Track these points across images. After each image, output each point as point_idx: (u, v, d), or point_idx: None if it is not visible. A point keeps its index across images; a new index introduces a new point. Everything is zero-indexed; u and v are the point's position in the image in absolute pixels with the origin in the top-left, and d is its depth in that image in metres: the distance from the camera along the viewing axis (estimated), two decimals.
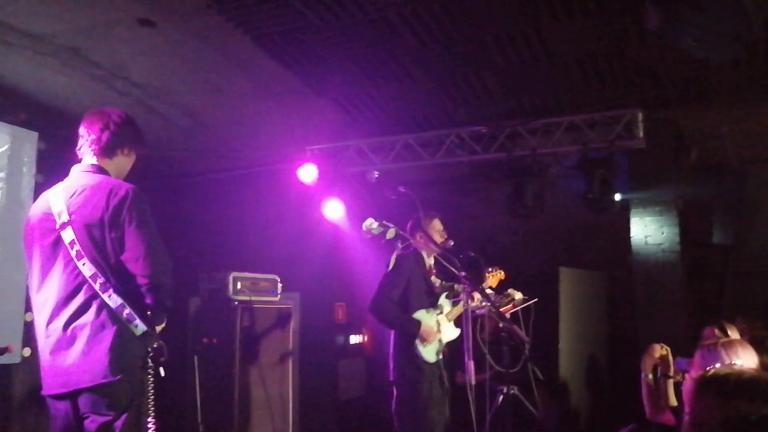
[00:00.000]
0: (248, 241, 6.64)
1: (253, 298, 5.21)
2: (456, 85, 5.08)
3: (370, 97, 5.31)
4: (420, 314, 4.30)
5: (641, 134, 5.22)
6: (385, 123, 5.78)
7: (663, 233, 5.79)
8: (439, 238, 4.39)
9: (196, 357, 4.78)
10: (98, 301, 2.56)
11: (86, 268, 2.57)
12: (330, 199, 5.97)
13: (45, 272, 2.67)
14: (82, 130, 2.85)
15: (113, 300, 2.55)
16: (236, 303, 5.08)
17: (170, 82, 5.02)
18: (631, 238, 5.89)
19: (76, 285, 2.59)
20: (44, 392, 2.66)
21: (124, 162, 2.88)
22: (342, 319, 6.74)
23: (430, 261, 4.52)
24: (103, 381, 2.51)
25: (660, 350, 3.12)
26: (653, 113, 5.37)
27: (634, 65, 4.73)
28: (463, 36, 4.34)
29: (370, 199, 5.79)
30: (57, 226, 2.64)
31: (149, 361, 2.55)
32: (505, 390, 4.64)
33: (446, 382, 4.34)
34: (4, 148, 4.97)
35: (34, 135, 5.21)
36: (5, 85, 4.88)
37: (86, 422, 2.55)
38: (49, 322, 2.62)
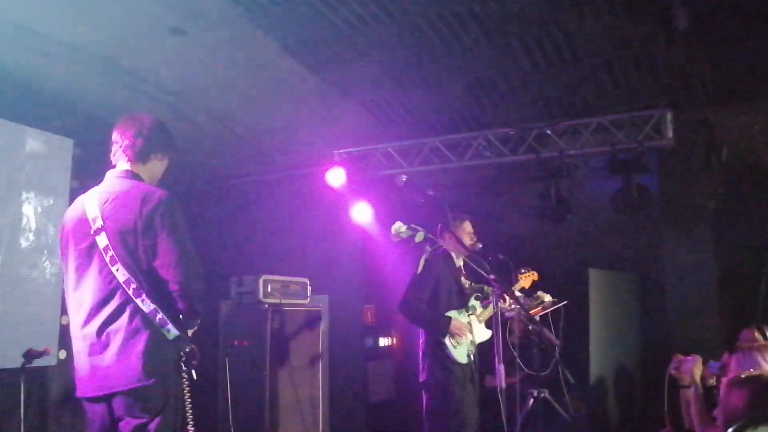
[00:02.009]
0: (278, 244, 6.70)
1: (283, 301, 5.27)
2: (483, 87, 5.08)
3: (398, 100, 5.34)
4: (450, 314, 4.31)
5: (670, 134, 5.16)
6: (413, 126, 5.80)
7: (695, 234, 5.70)
8: (468, 241, 4.39)
9: (227, 359, 4.84)
10: (132, 306, 2.60)
11: (120, 274, 2.61)
12: (358, 202, 6.00)
13: (80, 276, 2.71)
14: (115, 135, 2.88)
15: (146, 305, 2.59)
16: (266, 306, 5.14)
17: (201, 89, 5.10)
18: (663, 239, 5.82)
19: (110, 290, 2.63)
20: (79, 395, 2.71)
21: (157, 167, 2.91)
22: (371, 321, 6.76)
23: (459, 263, 4.53)
24: (137, 384, 2.55)
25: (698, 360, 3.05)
26: (683, 113, 5.30)
27: (663, 65, 4.68)
28: (490, 38, 4.34)
29: (398, 203, 5.80)
30: (92, 231, 2.68)
31: (182, 365, 2.59)
32: (535, 393, 4.61)
33: (477, 384, 4.33)
34: (40, 156, 5.10)
35: (69, 142, 5.33)
36: (42, 93, 5.00)
37: (121, 424, 2.60)
38: (84, 325, 2.67)
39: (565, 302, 4.87)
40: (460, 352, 4.24)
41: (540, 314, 4.78)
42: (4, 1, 3.82)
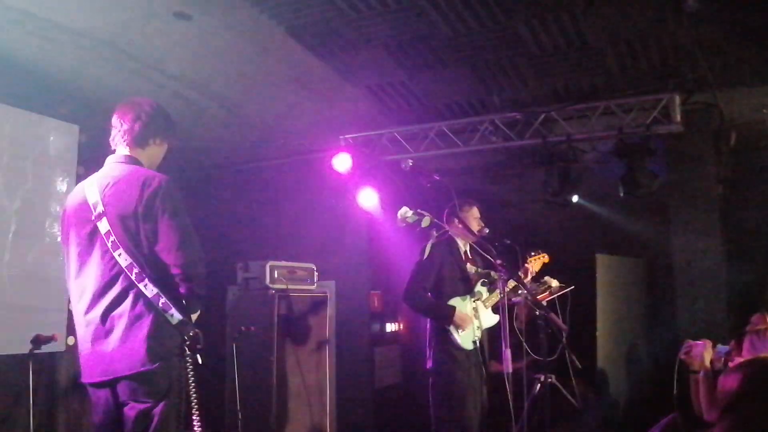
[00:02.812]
0: (284, 230, 6.70)
1: (290, 287, 5.28)
2: (489, 71, 5.04)
3: (404, 85, 5.30)
4: (454, 301, 4.31)
5: (678, 118, 5.12)
6: (419, 111, 5.77)
7: (703, 218, 5.67)
8: (475, 226, 4.38)
9: (234, 345, 4.87)
10: (135, 290, 2.62)
11: (122, 259, 2.62)
12: (364, 187, 5.99)
13: (82, 262, 2.73)
14: (114, 120, 2.89)
15: (149, 290, 2.60)
16: (273, 291, 5.15)
17: (206, 74, 5.08)
18: (670, 224, 5.79)
19: (112, 275, 2.64)
20: (84, 380, 2.74)
21: (156, 152, 2.91)
22: (378, 307, 6.77)
23: (465, 248, 4.51)
24: (141, 369, 2.57)
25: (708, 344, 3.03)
26: (691, 97, 5.26)
27: (671, 48, 4.63)
28: (496, 22, 4.29)
29: (404, 188, 5.79)
30: (93, 217, 2.69)
31: (186, 349, 2.59)
32: (542, 378, 4.62)
33: (484, 370, 4.33)
34: (46, 142, 5.10)
35: (75, 128, 5.33)
36: (47, 79, 4.99)
37: (126, 409, 2.62)
38: (87, 311, 2.69)
39: (572, 287, 4.87)
40: (465, 338, 4.24)
41: (547, 299, 4.77)
42: None
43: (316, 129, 6.14)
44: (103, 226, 2.65)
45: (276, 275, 5.23)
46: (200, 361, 2.66)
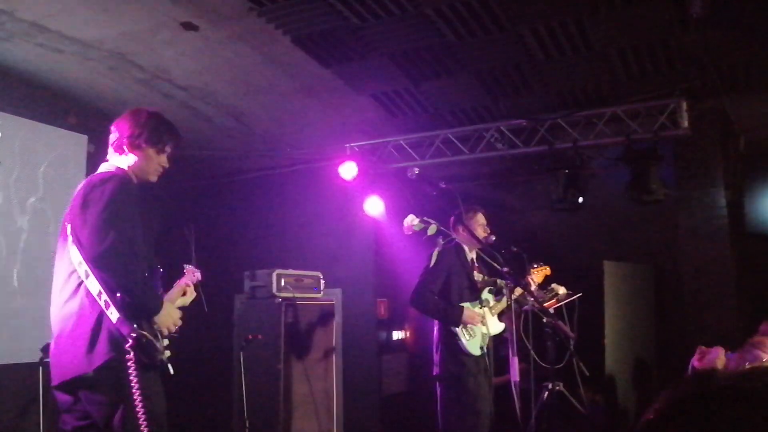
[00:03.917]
0: (291, 238, 6.72)
1: (297, 295, 5.28)
2: (495, 79, 5.04)
3: (409, 93, 5.32)
4: (464, 306, 4.30)
5: (686, 124, 5.10)
6: (425, 119, 5.78)
7: (711, 224, 5.64)
8: (482, 233, 4.37)
9: (241, 353, 4.87)
10: (83, 288, 2.59)
11: (75, 256, 2.62)
12: (371, 195, 6.00)
13: (56, 261, 2.76)
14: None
15: (93, 287, 2.57)
16: (280, 300, 5.16)
17: (213, 84, 5.12)
18: (679, 230, 5.76)
19: (68, 273, 2.66)
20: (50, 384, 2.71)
21: (136, 158, 2.85)
22: (384, 314, 6.76)
23: (472, 256, 4.51)
24: (82, 372, 2.51)
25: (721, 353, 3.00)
26: (698, 102, 5.24)
27: (678, 54, 4.62)
28: (502, 29, 4.30)
29: (410, 196, 5.79)
30: (67, 219, 2.74)
31: (127, 352, 2.47)
32: (550, 386, 4.59)
33: (492, 377, 4.32)
34: (55, 152, 5.14)
35: (84, 138, 5.37)
36: (56, 90, 5.04)
37: (80, 410, 2.60)
38: (52, 311, 2.70)
39: (580, 294, 4.84)
40: (473, 344, 4.23)
41: (554, 307, 4.75)
42: (17, 0, 3.85)
43: (322, 137, 6.16)
44: (69, 225, 2.71)
45: (283, 283, 5.23)
46: (172, 371, 2.60)
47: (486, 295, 4.41)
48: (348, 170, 5.89)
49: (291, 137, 6.23)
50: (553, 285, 4.78)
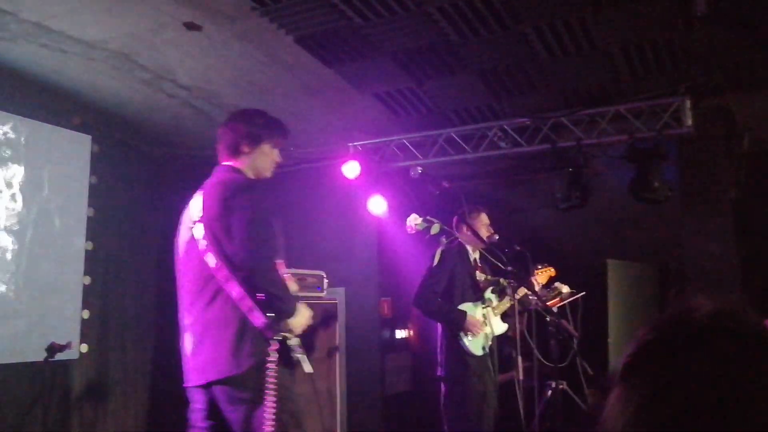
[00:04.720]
0: (294, 237, 6.70)
1: (300, 294, 5.28)
2: (498, 77, 5.04)
3: (412, 92, 5.31)
4: (465, 307, 4.30)
5: (690, 122, 5.09)
6: (427, 118, 5.78)
7: (716, 223, 5.62)
8: (485, 232, 4.37)
9: None
10: (224, 294, 2.65)
11: (211, 261, 2.66)
12: (374, 194, 6.00)
13: (182, 267, 2.81)
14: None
15: (235, 292, 2.63)
16: None
17: (216, 84, 5.12)
18: (683, 229, 5.74)
19: (203, 279, 2.69)
20: (184, 384, 2.79)
21: (253, 158, 2.94)
22: (388, 314, 6.76)
23: (475, 255, 4.51)
24: (228, 374, 2.60)
25: None
26: (702, 100, 5.22)
27: (682, 52, 4.61)
28: (505, 28, 4.30)
29: (413, 195, 5.79)
30: (191, 225, 2.78)
31: (270, 353, 2.60)
32: (554, 385, 4.59)
33: (495, 376, 4.32)
34: (59, 152, 5.15)
35: (88, 138, 5.39)
36: (60, 91, 5.05)
37: (219, 411, 2.68)
38: (184, 317, 2.77)
39: (583, 293, 4.84)
40: (476, 344, 4.23)
41: (558, 305, 4.75)
42: (21, 1, 3.86)
43: (325, 137, 6.16)
44: (198, 231, 2.74)
45: None
46: (308, 369, 2.73)
47: (489, 294, 4.41)
48: (351, 169, 5.89)
49: (294, 136, 6.17)
50: (557, 284, 4.78)
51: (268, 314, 2.61)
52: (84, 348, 5.18)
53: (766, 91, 5.21)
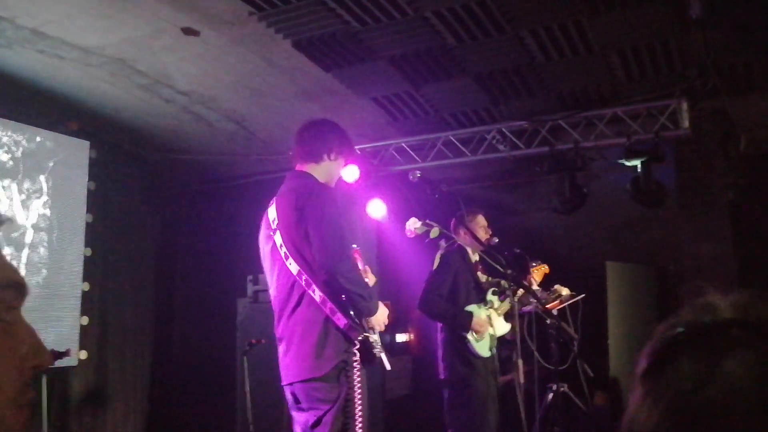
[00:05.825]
0: None
1: None
2: (496, 81, 5.05)
3: (410, 96, 5.32)
4: (471, 308, 4.30)
5: (687, 124, 5.11)
6: (426, 121, 5.79)
7: (713, 225, 5.64)
8: (483, 235, 4.38)
9: (245, 358, 4.87)
10: (307, 298, 2.72)
11: (293, 267, 2.73)
12: (373, 198, 6.00)
13: (271, 276, 2.89)
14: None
15: (317, 295, 2.69)
16: None
17: (214, 89, 5.12)
18: (680, 231, 5.76)
19: (289, 285, 2.77)
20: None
21: (329, 168, 3.04)
22: (388, 317, 6.75)
23: (474, 257, 4.51)
24: (310, 376, 2.68)
25: None
26: (699, 103, 5.24)
27: (678, 54, 4.63)
28: (501, 32, 4.31)
29: (412, 198, 5.79)
30: (272, 232, 2.86)
31: (354, 353, 2.68)
32: (554, 387, 4.59)
33: (498, 378, 4.32)
34: (58, 158, 5.15)
35: (86, 144, 5.39)
36: (58, 96, 5.05)
37: (302, 410, 2.77)
38: (277, 323, 2.85)
39: (583, 295, 4.84)
40: (482, 346, 4.23)
41: (557, 308, 4.75)
42: (17, 7, 3.86)
43: None
44: (278, 238, 2.81)
45: None
46: (388, 366, 2.82)
47: (490, 296, 4.41)
48: (350, 173, 5.89)
49: (293, 141, 6.22)
50: (557, 286, 4.79)
51: (350, 314, 2.69)
52: (83, 355, 5.17)
53: (762, 92, 5.23)
